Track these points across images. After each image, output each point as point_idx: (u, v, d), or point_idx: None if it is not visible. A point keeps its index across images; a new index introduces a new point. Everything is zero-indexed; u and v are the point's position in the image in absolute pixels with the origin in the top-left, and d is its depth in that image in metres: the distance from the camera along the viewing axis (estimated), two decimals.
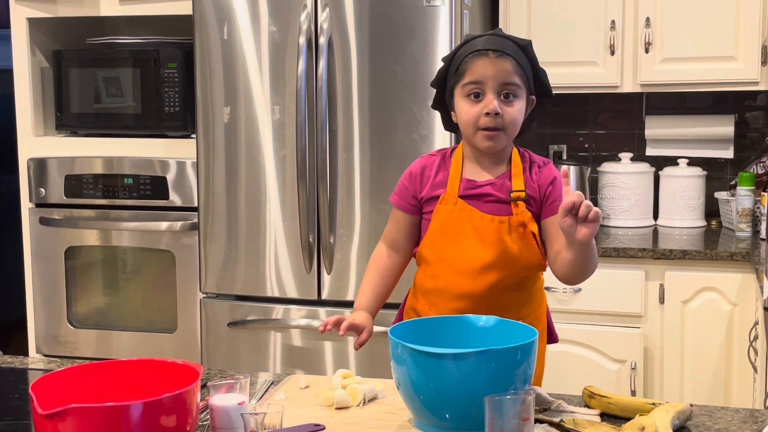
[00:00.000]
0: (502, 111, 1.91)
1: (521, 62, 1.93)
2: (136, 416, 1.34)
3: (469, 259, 1.99)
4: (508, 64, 1.91)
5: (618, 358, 3.20)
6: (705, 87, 3.39)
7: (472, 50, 1.93)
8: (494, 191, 2.00)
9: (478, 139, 1.95)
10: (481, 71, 1.91)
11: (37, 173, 3.61)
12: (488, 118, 1.91)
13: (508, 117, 1.93)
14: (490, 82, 1.91)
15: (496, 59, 1.91)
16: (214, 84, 3.28)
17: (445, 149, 2.08)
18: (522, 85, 1.94)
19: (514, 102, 1.93)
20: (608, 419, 1.67)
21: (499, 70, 1.90)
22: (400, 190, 2.09)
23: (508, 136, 1.96)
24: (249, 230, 3.29)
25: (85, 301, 3.66)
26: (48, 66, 3.72)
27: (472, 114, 1.93)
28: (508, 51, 1.92)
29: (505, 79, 1.91)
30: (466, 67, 1.93)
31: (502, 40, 1.95)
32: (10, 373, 2.04)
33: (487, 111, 1.91)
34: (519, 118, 1.95)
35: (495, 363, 1.52)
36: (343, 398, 1.73)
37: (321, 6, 3.13)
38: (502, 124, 1.92)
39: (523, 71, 1.94)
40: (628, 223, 3.59)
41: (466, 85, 1.93)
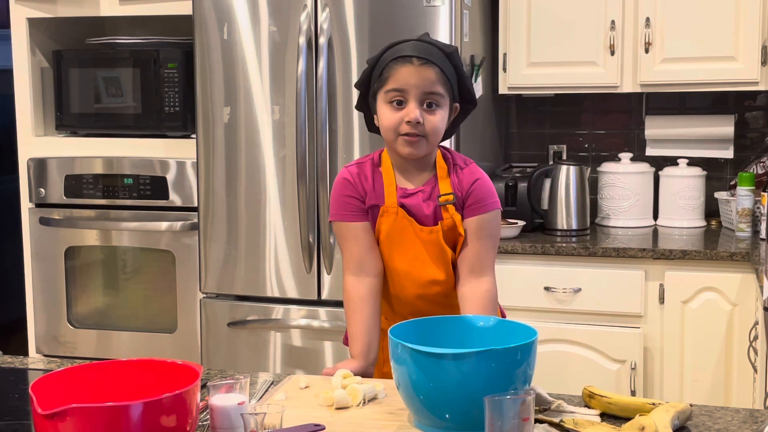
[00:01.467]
0: (424, 119, 1.91)
1: (446, 70, 1.92)
2: (136, 416, 1.34)
3: (418, 272, 2.05)
4: (432, 73, 1.90)
5: (618, 358, 3.20)
6: (705, 87, 3.39)
7: (396, 55, 1.92)
8: (425, 198, 2.03)
9: (398, 144, 1.95)
10: (405, 79, 1.89)
11: (37, 173, 3.61)
12: (409, 125, 1.91)
13: (430, 125, 1.92)
14: (413, 91, 1.90)
15: (420, 67, 1.89)
16: (214, 84, 3.28)
17: (371, 156, 2.07)
18: (445, 93, 1.93)
19: (437, 111, 1.93)
20: (608, 419, 1.67)
21: (422, 78, 1.89)
22: (342, 204, 2.04)
23: (429, 144, 1.96)
24: (249, 230, 3.29)
25: (85, 301, 3.66)
26: (48, 66, 3.72)
27: (394, 120, 1.93)
28: (433, 59, 1.91)
29: (428, 88, 1.90)
30: (389, 73, 1.92)
31: (427, 46, 1.93)
32: (10, 373, 2.03)
33: (408, 119, 1.91)
34: (441, 126, 1.95)
35: (495, 363, 1.52)
36: (343, 398, 1.73)
37: (321, 6, 3.13)
38: (423, 131, 1.92)
39: (447, 79, 1.93)
40: (628, 223, 3.59)
41: (389, 91, 1.92)
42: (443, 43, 1.99)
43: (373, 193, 2.03)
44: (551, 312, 3.25)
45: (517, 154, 3.93)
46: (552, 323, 3.23)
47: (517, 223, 3.42)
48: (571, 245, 3.25)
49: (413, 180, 2.03)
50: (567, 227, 3.46)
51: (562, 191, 3.47)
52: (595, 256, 3.20)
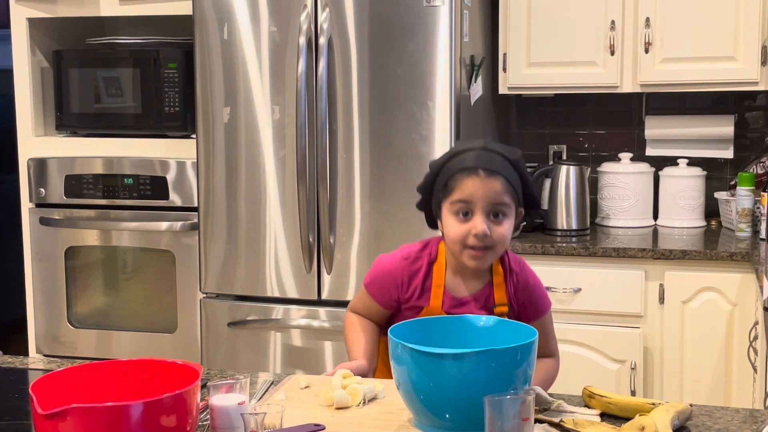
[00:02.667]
0: (491, 230, 1.87)
1: (511, 179, 1.88)
2: (136, 416, 1.34)
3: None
4: (498, 184, 1.86)
5: (618, 358, 3.21)
6: (705, 87, 3.39)
7: (461, 166, 1.87)
8: (477, 306, 1.96)
9: (465, 257, 1.90)
10: (471, 191, 1.86)
11: (37, 173, 3.61)
12: (476, 238, 1.87)
13: (497, 236, 1.88)
14: (480, 203, 1.86)
15: (487, 179, 1.85)
16: (214, 84, 3.28)
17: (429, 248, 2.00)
18: (511, 203, 1.89)
19: (504, 221, 1.88)
20: (608, 419, 1.67)
21: (489, 190, 1.85)
22: (382, 287, 2.00)
23: (495, 254, 1.91)
24: (249, 230, 3.29)
25: (85, 301, 3.66)
26: (48, 66, 3.72)
27: (460, 232, 1.88)
28: (499, 169, 1.87)
29: (495, 200, 1.86)
30: (455, 184, 1.88)
31: (492, 155, 1.88)
32: (10, 373, 2.03)
33: (476, 232, 1.86)
34: (508, 236, 1.90)
35: (495, 363, 1.52)
36: (343, 398, 1.73)
37: (321, 6, 3.13)
38: (490, 243, 1.88)
39: (513, 189, 1.89)
40: (628, 223, 3.59)
41: (455, 203, 1.88)
42: (507, 148, 1.93)
43: (420, 291, 1.97)
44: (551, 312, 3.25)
45: None
46: None
47: None
48: (571, 245, 3.25)
49: (468, 285, 1.97)
50: (567, 227, 3.46)
51: (562, 191, 3.47)
52: (595, 256, 3.20)
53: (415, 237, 3.12)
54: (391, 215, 3.15)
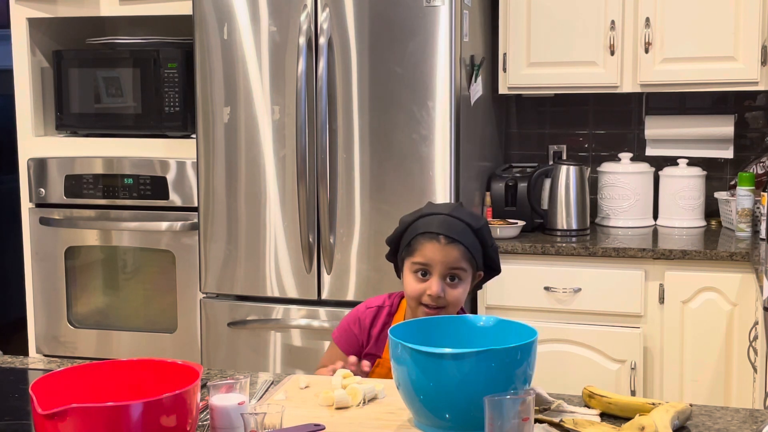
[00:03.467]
0: (445, 293, 1.97)
1: (471, 247, 1.98)
2: (136, 416, 1.34)
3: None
4: (457, 251, 1.96)
5: (618, 358, 3.21)
6: (705, 87, 3.39)
7: (425, 230, 1.98)
8: None
9: (419, 312, 2.01)
10: (430, 255, 1.96)
11: (37, 173, 3.61)
12: (430, 298, 1.98)
13: (451, 298, 1.98)
14: (438, 267, 1.96)
15: (446, 245, 1.96)
16: (214, 84, 3.28)
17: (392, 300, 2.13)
18: (468, 268, 1.99)
19: (459, 285, 1.99)
20: (608, 419, 1.67)
21: (447, 255, 1.95)
22: (348, 336, 2.13)
23: (448, 313, 2.01)
24: (249, 230, 3.29)
25: (85, 301, 3.66)
26: (48, 66, 3.72)
27: (417, 290, 1.99)
28: (459, 237, 1.97)
29: (452, 265, 1.96)
30: (417, 246, 1.99)
31: (455, 222, 1.98)
32: (10, 373, 2.04)
33: (430, 293, 1.97)
34: (461, 298, 2.01)
35: (495, 363, 1.52)
36: (343, 398, 1.73)
37: (321, 6, 3.13)
38: (444, 303, 1.98)
39: (472, 255, 1.99)
40: (627, 223, 3.59)
41: (415, 263, 1.99)
42: (472, 216, 2.03)
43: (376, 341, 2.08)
44: (551, 312, 3.25)
45: (517, 154, 3.93)
46: (552, 323, 3.23)
47: (517, 223, 3.42)
48: (571, 245, 3.25)
49: None
50: (567, 227, 3.46)
51: (562, 191, 3.47)
52: (595, 256, 3.20)
53: None
54: (391, 215, 3.14)
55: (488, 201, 3.55)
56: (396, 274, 2.15)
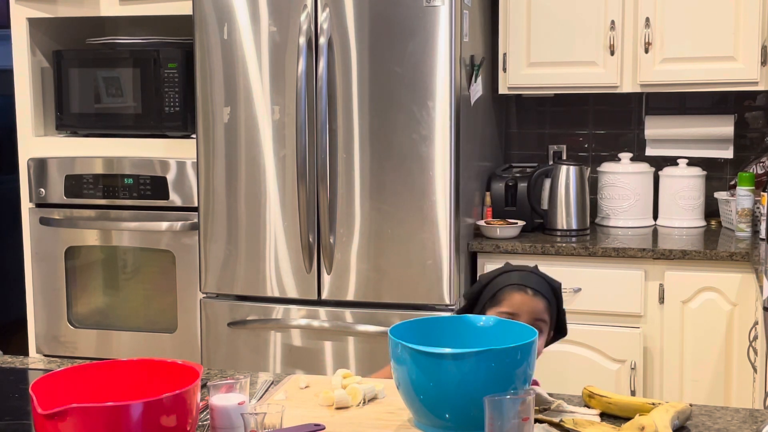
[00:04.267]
0: None
1: (552, 302, 2.09)
2: (136, 416, 1.34)
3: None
4: (542, 303, 2.06)
5: (618, 358, 3.21)
6: (705, 87, 3.39)
7: (512, 282, 2.09)
8: None
9: None
10: (518, 305, 2.05)
11: (37, 173, 3.61)
12: None
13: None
14: (525, 316, 2.04)
15: (533, 296, 2.06)
16: (214, 84, 3.28)
17: None
18: (549, 322, 2.09)
19: (540, 336, 2.04)
20: (608, 419, 1.67)
21: (534, 306, 2.05)
22: None
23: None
24: (249, 230, 3.29)
25: (85, 301, 3.66)
26: (48, 66, 3.72)
27: None
28: (544, 291, 2.08)
29: (537, 315, 2.05)
30: (503, 296, 2.07)
31: (539, 279, 2.11)
32: (10, 373, 2.04)
33: None
34: (540, 350, 2.06)
35: (495, 363, 1.52)
36: (343, 398, 1.73)
37: (321, 6, 3.13)
38: None
39: (552, 310, 2.09)
40: (627, 223, 3.59)
41: (503, 313, 2.05)
42: (550, 278, 2.15)
43: None
44: None
45: (517, 154, 3.93)
46: None
47: (517, 223, 3.42)
48: (571, 245, 3.25)
49: None
50: (567, 227, 3.46)
51: (562, 191, 3.47)
52: (595, 256, 3.21)
53: (414, 237, 3.13)
54: (391, 215, 3.15)
55: (488, 201, 3.56)
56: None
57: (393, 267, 3.16)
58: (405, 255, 3.15)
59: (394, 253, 3.16)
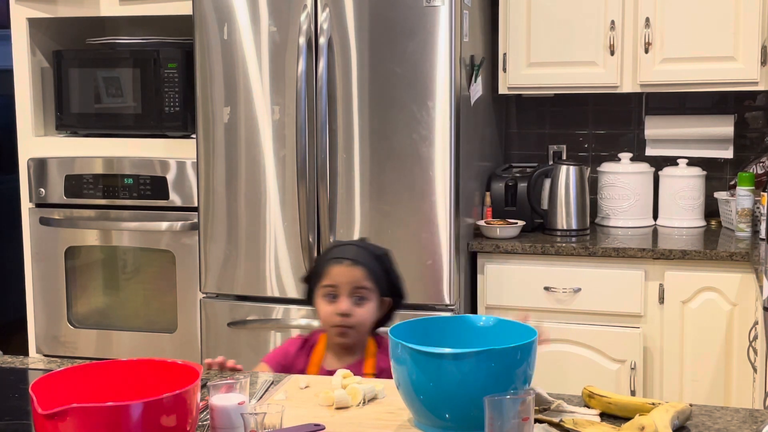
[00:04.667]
0: (353, 312, 2.15)
1: (374, 269, 2.19)
2: (136, 416, 1.34)
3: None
4: (360, 271, 2.16)
5: (618, 358, 3.21)
6: (705, 87, 3.39)
7: (331, 257, 2.21)
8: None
9: (331, 334, 2.19)
10: (336, 276, 2.17)
11: (37, 173, 3.61)
12: (340, 317, 2.15)
13: (358, 316, 2.16)
14: (346, 286, 2.16)
15: (351, 266, 2.16)
16: (214, 84, 3.28)
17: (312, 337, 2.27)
18: (373, 288, 2.17)
19: (365, 304, 2.17)
20: (608, 419, 1.67)
21: (352, 275, 2.16)
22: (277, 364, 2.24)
23: (359, 333, 2.17)
24: (249, 230, 3.29)
25: (85, 301, 3.66)
26: (48, 66, 3.72)
27: (328, 313, 2.18)
28: (362, 260, 2.18)
29: (357, 284, 2.16)
30: (324, 270, 2.19)
31: (359, 249, 2.22)
32: (10, 373, 2.04)
33: (339, 312, 2.15)
34: (368, 317, 2.18)
35: (495, 363, 1.52)
36: (343, 398, 1.73)
37: (321, 6, 3.13)
38: (352, 323, 2.15)
39: (375, 277, 2.18)
40: (627, 223, 3.59)
41: (325, 287, 2.18)
42: (375, 246, 2.27)
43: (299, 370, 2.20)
44: (551, 312, 3.25)
45: (517, 154, 3.93)
46: (552, 323, 3.23)
47: (517, 223, 3.42)
48: (571, 245, 3.25)
49: (342, 360, 2.20)
50: (567, 227, 3.46)
51: (562, 191, 3.47)
52: (595, 256, 3.21)
53: (414, 237, 3.13)
54: (391, 215, 3.15)
55: (488, 201, 3.56)
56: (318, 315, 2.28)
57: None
58: (405, 255, 3.14)
59: (394, 253, 3.15)
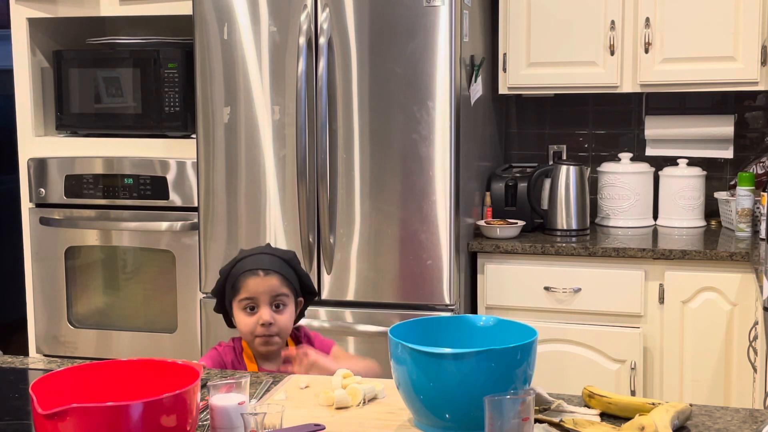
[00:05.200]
0: (275, 320, 2.21)
1: (287, 274, 2.24)
2: (136, 416, 1.34)
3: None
4: (276, 280, 2.21)
5: (618, 358, 3.21)
6: (705, 87, 3.39)
7: (245, 269, 2.23)
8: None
9: (256, 344, 2.23)
10: (254, 289, 2.20)
11: (37, 173, 3.61)
12: (263, 327, 2.20)
13: (281, 323, 2.22)
14: (264, 297, 2.20)
15: (266, 277, 2.21)
16: (214, 84, 3.28)
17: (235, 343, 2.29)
18: (290, 293, 2.24)
19: (284, 310, 2.23)
20: (608, 419, 1.67)
21: (269, 285, 2.21)
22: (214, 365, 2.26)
23: (282, 338, 2.24)
24: (249, 230, 3.29)
25: (85, 301, 3.66)
26: (48, 66, 3.72)
27: (249, 325, 2.21)
28: (275, 267, 2.23)
29: (275, 292, 2.21)
30: (240, 284, 2.22)
31: (270, 257, 2.26)
32: (10, 373, 2.04)
33: (262, 322, 2.20)
34: (290, 322, 2.25)
35: (495, 363, 1.52)
36: (343, 398, 1.73)
37: (321, 6, 3.13)
38: (275, 330, 2.21)
39: (289, 282, 2.24)
40: (627, 223, 3.59)
41: (243, 300, 2.22)
42: (281, 251, 2.32)
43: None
44: (551, 312, 3.26)
45: (517, 154, 3.93)
46: (552, 323, 3.23)
47: (517, 223, 3.42)
48: (571, 245, 3.25)
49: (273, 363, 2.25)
50: (567, 227, 3.46)
51: (562, 191, 3.47)
52: (595, 256, 3.21)
53: (414, 237, 3.13)
54: (391, 215, 3.15)
55: (488, 201, 3.56)
56: (227, 324, 2.33)
57: (393, 267, 3.16)
58: (405, 255, 3.15)
59: (394, 253, 3.16)
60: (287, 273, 2.24)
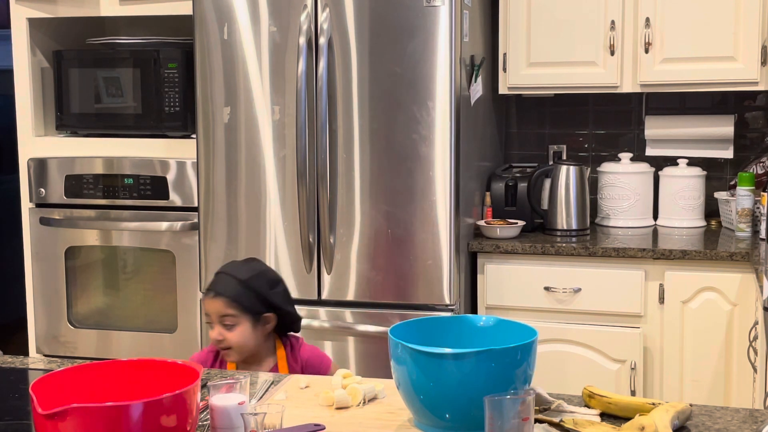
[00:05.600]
0: (224, 337, 2.34)
1: (238, 296, 2.34)
2: (136, 416, 1.34)
3: None
4: (220, 302, 2.34)
5: (618, 358, 3.21)
6: (705, 87, 3.39)
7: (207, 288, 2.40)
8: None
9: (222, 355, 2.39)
10: (206, 308, 2.38)
11: (37, 173, 3.61)
12: (215, 343, 2.36)
13: (230, 340, 2.33)
14: (214, 317, 2.35)
15: (213, 299, 2.35)
16: (214, 84, 3.28)
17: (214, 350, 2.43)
18: (239, 313, 2.33)
19: (234, 328, 2.34)
20: (608, 419, 1.67)
21: (215, 307, 2.35)
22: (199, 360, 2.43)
23: (239, 352, 2.35)
24: (249, 230, 3.29)
25: (85, 301, 3.66)
26: (48, 66, 3.72)
27: (211, 338, 2.38)
28: (222, 290, 2.35)
29: (220, 313, 2.34)
30: (203, 303, 2.41)
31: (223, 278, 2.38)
32: (10, 373, 2.04)
33: (212, 338, 2.37)
34: (241, 338, 2.34)
35: (495, 363, 1.52)
36: (343, 398, 1.73)
37: (321, 6, 3.13)
38: (228, 345, 2.34)
39: (239, 303, 2.34)
40: (627, 223, 3.59)
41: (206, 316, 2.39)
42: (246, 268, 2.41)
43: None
44: (551, 312, 3.26)
45: (517, 154, 3.93)
46: (552, 323, 3.23)
47: (517, 223, 3.42)
48: (571, 245, 3.25)
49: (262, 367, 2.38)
50: (567, 227, 3.46)
51: (562, 191, 3.47)
52: (595, 256, 3.21)
53: (414, 237, 3.13)
54: (391, 215, 3.15)
55: (488, 201, 3.56)
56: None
57: (393, 267, 3.16)
58: (405, 255, 3.15)
59: (394, 253, 3.16)
60: (239, 295, 2.34)
